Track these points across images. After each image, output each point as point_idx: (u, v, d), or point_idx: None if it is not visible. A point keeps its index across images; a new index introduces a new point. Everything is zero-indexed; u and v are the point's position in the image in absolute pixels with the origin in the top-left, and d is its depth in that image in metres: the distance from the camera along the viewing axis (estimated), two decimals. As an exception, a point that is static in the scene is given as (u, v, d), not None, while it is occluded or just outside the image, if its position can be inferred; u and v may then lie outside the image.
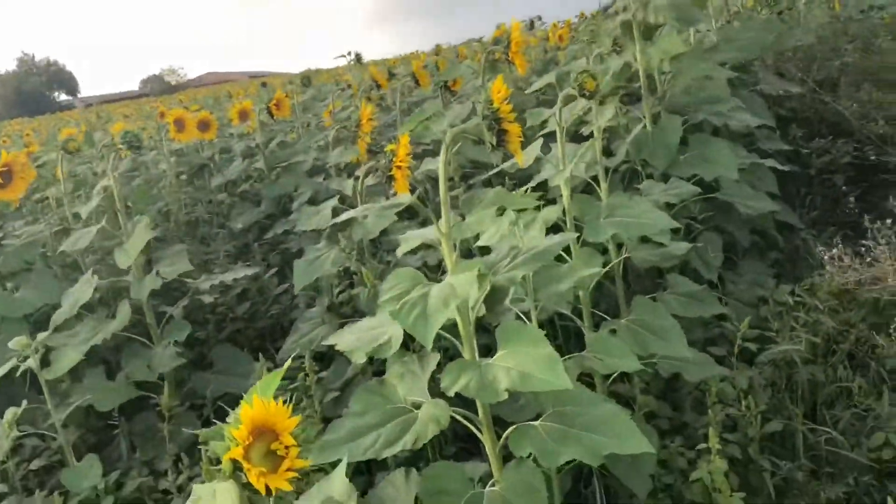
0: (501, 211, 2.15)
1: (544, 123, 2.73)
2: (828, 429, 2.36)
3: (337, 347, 1.91)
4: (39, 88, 77.63)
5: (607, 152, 2.75)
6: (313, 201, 3.67)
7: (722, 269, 3.16)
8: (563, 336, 2.64)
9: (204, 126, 4.94)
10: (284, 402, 1.11)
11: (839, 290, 2.69)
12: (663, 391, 2.68)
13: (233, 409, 1.12)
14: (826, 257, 2.66)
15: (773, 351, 2.53)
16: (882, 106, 4.05)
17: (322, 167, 4.12)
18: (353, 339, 1.89)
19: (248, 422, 1.07)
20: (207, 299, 3.13)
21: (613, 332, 2.23)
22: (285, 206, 4.22)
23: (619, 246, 2.57)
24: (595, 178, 2.49)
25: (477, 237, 2.18)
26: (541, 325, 2.56)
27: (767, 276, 3.39)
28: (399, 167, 2.09)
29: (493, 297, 2.26)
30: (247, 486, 1.08)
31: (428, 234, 1.83)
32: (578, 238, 2.29)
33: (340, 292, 2.71)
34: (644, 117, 2.96)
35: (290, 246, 3.96)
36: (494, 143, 1.69)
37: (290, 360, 1.45)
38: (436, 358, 2.03)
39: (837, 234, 3.60)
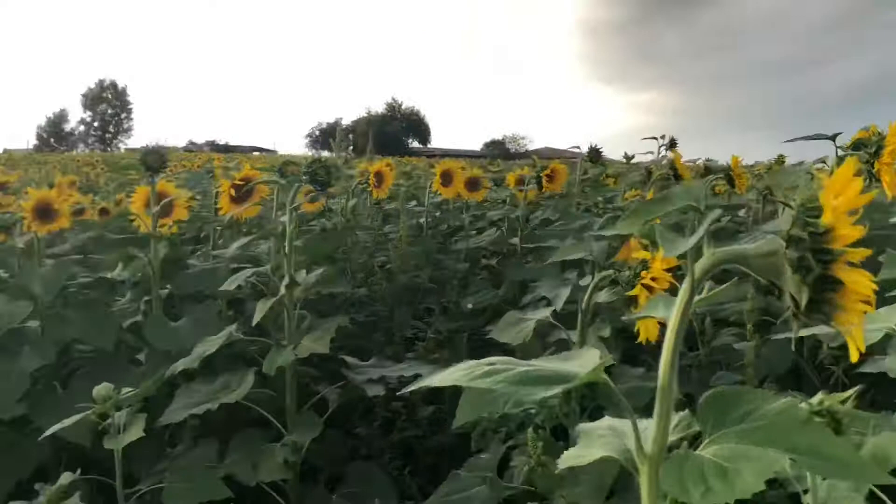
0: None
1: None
2: None
3: None
4: (398, 133, 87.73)
5: None
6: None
7: None
8: None
9: (473, 185, 4.33)
10: None
11: None
12: None
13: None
14: None
15: None
16: None
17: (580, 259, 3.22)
18: None
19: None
20: (374, 391, 2.39)
21: None
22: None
23: None
24: None
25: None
26: None
27: None
28: (648, 286, 1.56)
29: None
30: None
31: (622, 438, 0.84)
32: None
33: (511, 448, 1.76)
34: None
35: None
36: (805, 299, 0.68)
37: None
38: None
39: None
